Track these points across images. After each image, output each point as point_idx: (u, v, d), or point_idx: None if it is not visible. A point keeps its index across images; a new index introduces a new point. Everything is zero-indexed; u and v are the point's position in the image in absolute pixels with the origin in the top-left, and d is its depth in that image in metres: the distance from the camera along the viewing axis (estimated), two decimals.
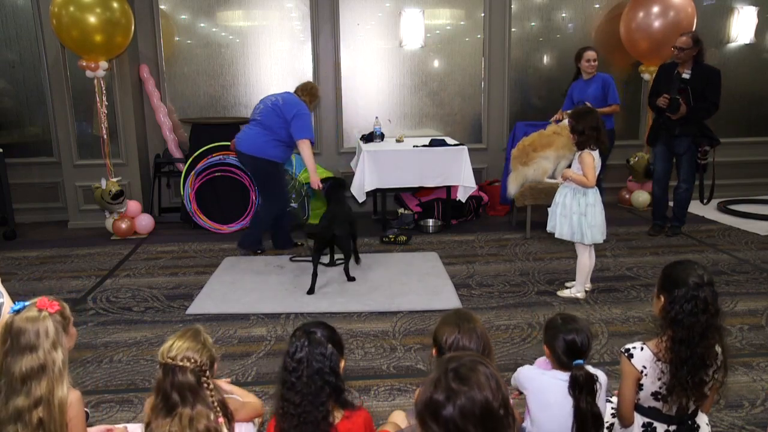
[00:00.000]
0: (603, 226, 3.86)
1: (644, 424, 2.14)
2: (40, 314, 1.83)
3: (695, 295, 1.95)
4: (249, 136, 4.87)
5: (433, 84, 6.50)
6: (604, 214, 3.87)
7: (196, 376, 1.76)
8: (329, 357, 1.77)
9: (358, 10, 6.28)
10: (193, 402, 1.76)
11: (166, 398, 1.76)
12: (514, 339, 3.46)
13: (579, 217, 3.81)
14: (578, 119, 3.73)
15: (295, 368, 1.74)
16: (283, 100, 4.84)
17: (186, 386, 1.75)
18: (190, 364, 1.76)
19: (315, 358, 1.75)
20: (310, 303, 4.02)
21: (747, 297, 4.00)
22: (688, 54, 4.89)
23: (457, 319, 1.96)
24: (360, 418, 1.85)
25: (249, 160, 4.90)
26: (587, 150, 3.72)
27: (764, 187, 6.87)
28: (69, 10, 4.99)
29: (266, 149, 4.81)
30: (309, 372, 1.73)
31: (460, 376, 1.34)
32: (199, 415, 1.76)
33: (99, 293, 4.27)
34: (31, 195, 6.19)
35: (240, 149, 4.90)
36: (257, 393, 2.89)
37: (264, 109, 4.86)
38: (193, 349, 1.78)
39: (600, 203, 3.85)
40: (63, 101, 5.75)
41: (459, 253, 5.03)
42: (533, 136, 5.29)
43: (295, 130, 4.75)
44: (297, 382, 1.74)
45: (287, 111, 4.77)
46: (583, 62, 5.38)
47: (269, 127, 4.80)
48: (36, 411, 1.78)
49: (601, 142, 3.73)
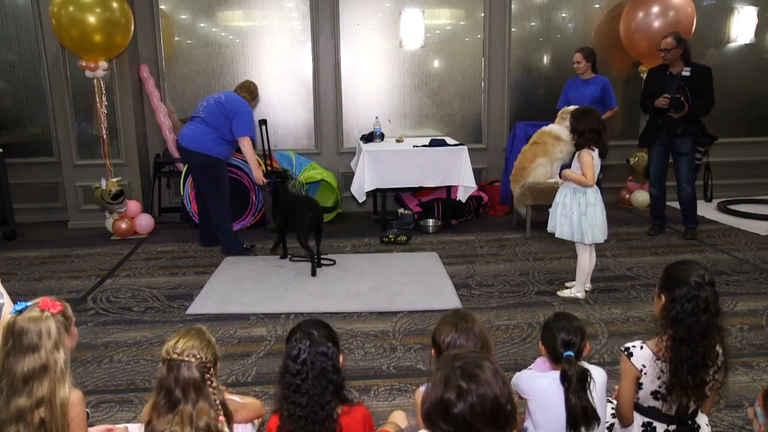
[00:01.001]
0: (604, 226, 3.85)
1: (644, 423, 2.14)
2: (42, 314, 1.83)
3: (696, 294, 1.96)
4: (193, 133, 4.90)
5: (433, 84, 6.50)
6: (605, 213, 3.87)
7: (201, 372, 1.77)
8: (331, 356, 1.79)
9: (358, 10, 6.28)
10: (195, 399, 1.77)
11: (169, 395, 1.77)
12: (514, 339, 3.45)
13: (579, 217, 3.81)
14: (578, 119, 3.73)
15: (299, 371, 1.76)
16: (225, 98, 4.91)
17: (190, 382, 1.76)
18: (196, 360, 1.77)
19: (318, 358, 1.76)
20: (310, 303, 4.02)
21: (747, 297, 3.99)
22: (674, 54, 4.94)
23: (454, 319, 1.97)
24: (359, 412, 1.87)
25: (193, 156, 4.94)
26: (586, 150, 3.72)
27: (764, 187, 6.87)
28: (69, 10, 4.99)
29: (211, 146, 4.87)
30: (314, 373, 1.75)
31: (469, 374, 1.35)
32: (201, 412, 1.76)
33: (99, 293, 4.27)
34: (31, 195, 6.19)
35: (184, 145, 4.94)
36: (257, 393, 2.89)
37: (207, 107, 4.91)
38: (198, 347, 1.79)
39: (601, 203, 3.85)
40: (63, 101, 5.75)
41: (459, 253, 5.03)
42: (518, 159, 5.46)
43: (236, 127, 4.82)
44: (303, 384, 1.75)
45: (230, 109, 4.83)
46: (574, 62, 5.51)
47: (213, 124, 4.85)
48: (38, 411, 1.78)
49: (602, 144, 3.73)
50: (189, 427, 1.75)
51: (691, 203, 5.27)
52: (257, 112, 6.30)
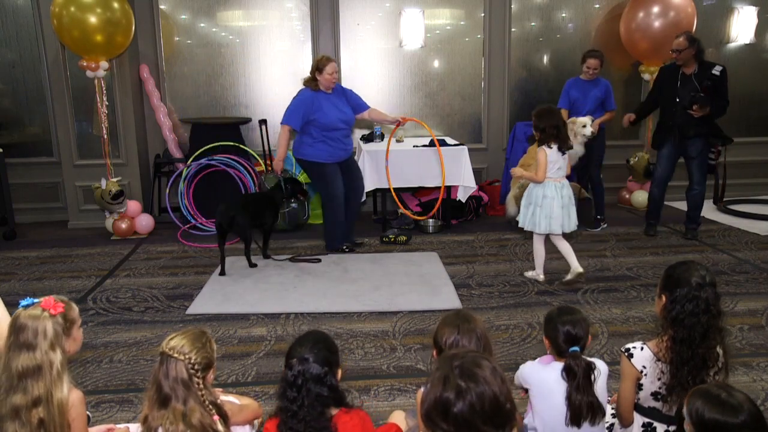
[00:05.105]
0: (563, 219, 4.09)
1: (644, 424, 2.14)
2: (41, 314, 1.83)
3: (697, 295, 1.96)
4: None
5: (433, 84, 6.50)
6: (573, 207, 4.15)
7: (188, 372, 1.79)
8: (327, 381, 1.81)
9: (358, 10, 6.28)
10: (185, 398, 1.79)
11: (159, 389, 1.80)
12: (514, 339, 3.45)
13: (535, 208, 4.11)
14: (540, 118, 4.03)
15: (295, 398, 1.79)
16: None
17: (179, 380, 1.79)
18: (184, 358, 1.79)
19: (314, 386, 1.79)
20: (310, 303, 4.02)
21: (747, 297, 4.00)
22: (686, 54, 4.88)
23: (456, 320, 1.97)
24: (357, 416, 1.87)
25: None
26: (543, 147, 4.02)
27: (764, 187, 6.88)
28: (70, 10, 4.99)
29: (297, 149, 4.93)
30: (309, 400, 1.78)
31: (467, 373, 1.35)
32: (192, 411, 1.78)
33: (99, 293, 4.27)
34: (31, 195, 6.19)
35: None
36: (257, 393, 2.90)
37: None
38: (190, 346, 1.82)
39: (561, 198, 4.05)
40: (63, 101, 5.74)
41: (459, 253, 5.03)
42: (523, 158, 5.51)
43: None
44: (299, 410, 1.78)
45: None
46: (584, 66, 5.45)
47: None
48: (36, 411, 1.79)
49: (561, 139, 3.99)
50: (182, 424, 1.76)
51: (698, 203, 5.24)
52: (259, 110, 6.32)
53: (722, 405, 1.51)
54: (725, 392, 1.55)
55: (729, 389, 1.57)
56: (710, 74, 4.87)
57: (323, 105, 4.78)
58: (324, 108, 4.78)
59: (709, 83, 4.86)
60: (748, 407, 1.50)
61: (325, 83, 4.77)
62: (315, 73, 4.77)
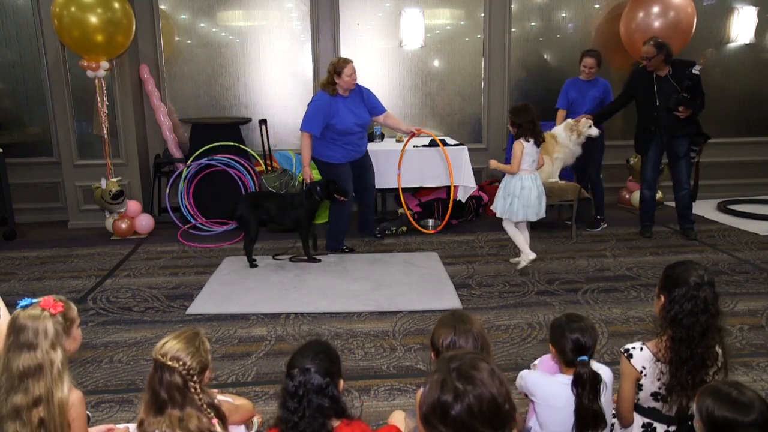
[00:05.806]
0: (537, 207, 4.37)
1: (644, 424, 2.14)
2: (41, 313, 1.83)
3: (695, 294, 1.96)
4: None
5: (433, 84, 6.50)
6: (544, 196, 4.43)
7: (183, 379, 1.77)
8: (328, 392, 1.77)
9: (358, 10, 6.28)
10: (181, 403, 1.77)
11: (156, 395, 1.78)
12: (514, 339, 3.45)
13: (513, 199, 4.36)
14: (517, 114, 4.28)
15: (296, 409, 1.76)
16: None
17: (174, 387, 1.77)
18: (179, 365, 1.76)
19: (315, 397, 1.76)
20: (310, 303, 4.02)
21: (747, 297, 4.00)
22: (656, 61, 4.95)
23: (452, 321, 1.96)
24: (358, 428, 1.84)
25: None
26: (519, 141, 4.27)
27: (764, 187, 6.87)
28: (70, 11, 4.99)
29: (315, 149, 4.88)
30: (310, 411, 1.75)
31: (465, 375, 1.35)
32: (189, 416, 1.77)
33: (99, 293, 4.27)
34: (31, 195, 6.19)
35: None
36: (257, 393, 2.90)
37: None
38: (183, 351, 1.79)
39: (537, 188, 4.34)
40: (63, 101, 5.74)
41: (459, 253, 5.03)
42: None
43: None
44: (300, 422, 1.75)
45: None
46: (581, 66, 5.48)
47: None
48: (36, 410, 1.79)
49: (536, 133, 4.26)
50: (179, 430, 1.75)
51: (689, 203, 5.28)
52: (259, 110, 6.33)
53: (733, 403, 1.51)
54: (736, 390, 1.55)
55: (740, 387, 1.57)
56: (690, 74, 4.92)
57: (340, 110, 4.79)
58: (341, 113, 4.79)
59: (689, 83, 4.91)
60: (759, 405, 1.50)
61: (345, 86, 4.75)
62: (334, 76, 4.73)
